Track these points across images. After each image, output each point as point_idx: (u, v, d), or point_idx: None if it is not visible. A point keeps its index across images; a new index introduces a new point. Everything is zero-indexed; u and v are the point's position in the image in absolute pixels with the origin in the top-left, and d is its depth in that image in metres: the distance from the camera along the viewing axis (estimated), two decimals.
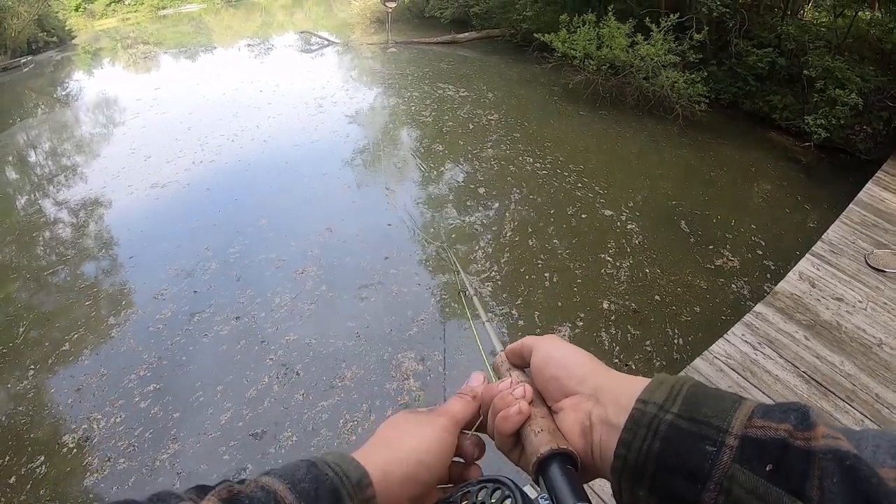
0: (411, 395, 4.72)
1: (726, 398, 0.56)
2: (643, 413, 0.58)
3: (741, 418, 0.53)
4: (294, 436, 4.37)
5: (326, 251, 6.66)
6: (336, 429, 4.42)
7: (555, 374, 0.72)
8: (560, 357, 0.74)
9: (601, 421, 0.64)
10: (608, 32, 11.33)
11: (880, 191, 7.63)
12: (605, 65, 11.48)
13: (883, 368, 4.44)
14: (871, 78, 9.52)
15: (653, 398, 0.59)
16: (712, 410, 0.55)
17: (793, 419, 0.51)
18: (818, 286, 5.35)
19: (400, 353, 5.15)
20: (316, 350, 5.21)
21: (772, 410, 0.53)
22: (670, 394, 0.59)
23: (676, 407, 0.57)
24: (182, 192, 8.25)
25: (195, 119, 11.28)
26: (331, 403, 4.65)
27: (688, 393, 0.58)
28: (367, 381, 4.87)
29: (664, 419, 0.56)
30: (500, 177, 8.52)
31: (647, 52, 10.67)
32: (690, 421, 0.55)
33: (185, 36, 24.71)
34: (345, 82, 14.05)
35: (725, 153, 9.99)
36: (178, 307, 5.82)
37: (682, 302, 5.93)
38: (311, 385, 4.83)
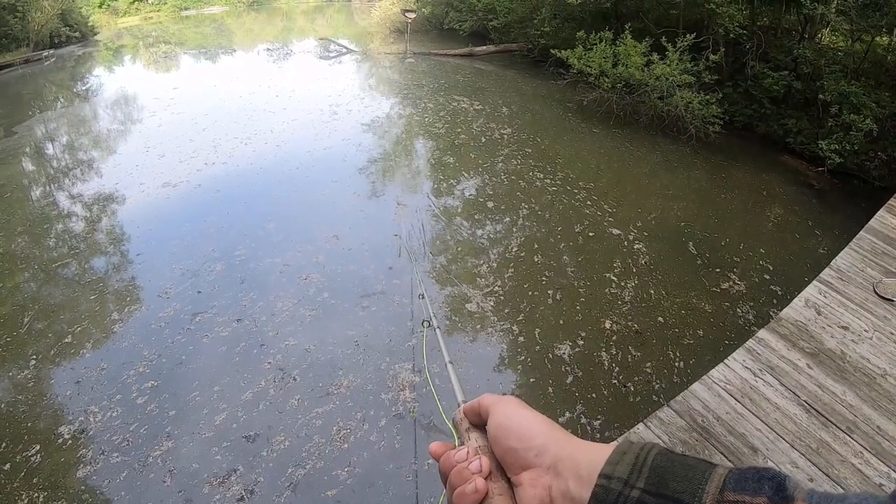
0: (406, 407, 4.70)
1: (695, 467, 0.54)
2: (607, 490, 0.56)
3: (712, 492, 0.50)
4: (286, 440, 4.37)
5: (331, 258, 6.66)
6: (329, 436, 4.41)
7: (511, 445, 0.68)
8: (516, 426, 0.70)
9: (562, 496, 0.61)
10: (624, 51, 11.36)
11: (892, 218, 7.53)
12: (619, 83, 11.50)
13: (886, 400, 4.36)
14: (886, 104, 9.48)
15: (616, 472, 0.57)
16: (681, 484, 0.53)
17: (768, 490, 0.49)
18: (824, 313, 5.27)
19: (397, 364, 5.14)
20: (314, 356, 5.22)
21: (744, 479, 0.50)
22: (635, 465, 0.56)
23: (642, 481, 0.54)
24: (193, 192, 8.31)
25: (210, 120, 11.36)
26: (325, 410, 4.65)
27: (653, 464, 0.56)
28: (362, 390, 4.87)
29: (630, 496, 0.54)
30: (509, 191, 8.51)
31: (663, 72, 10.68)
32: (658, 497, 0.53)
33: (206, 37, 24.97)
34: (360, 91, 14.13)
35: (738, 176, 9.94)
36: (182, 306, 5.85)
37: (685, 325, 5.88)
38: (307, 391, 4.84)
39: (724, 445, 3.71)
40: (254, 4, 37.08)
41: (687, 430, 3.77)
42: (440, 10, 22.05)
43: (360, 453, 4.28)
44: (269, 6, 37.48)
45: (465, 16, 19.87)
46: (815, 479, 3.58)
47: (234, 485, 4.03)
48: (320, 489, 4.01)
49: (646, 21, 12.89)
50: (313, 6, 37.84)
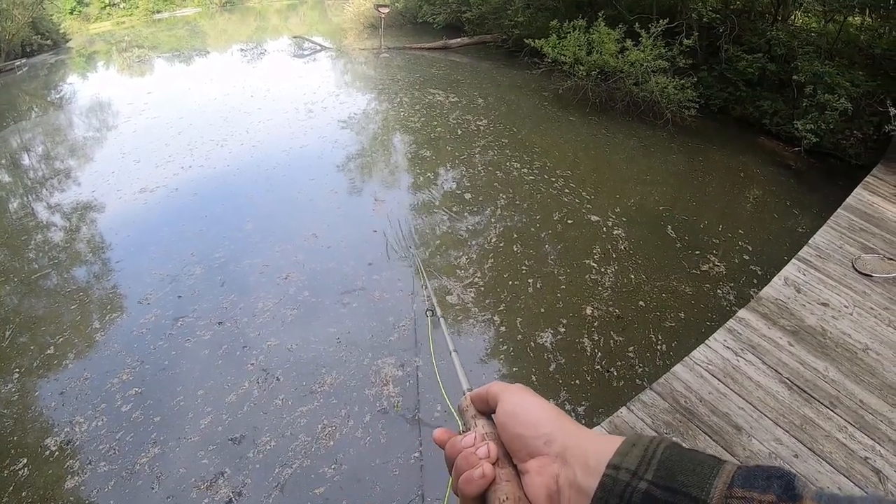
0: (390, 402, 4.68)
1: (704, 462, 0.53)
2: (615, 480, 0.55)
3: (721, 487, 0.50)
4: (272, 441, 4.34)
5: (311, 256, 6.62)
6: (314, 434, 4.39)
7: (520, 432, 0.68)
8: (525, 413, 0.69)
9: (569, 484, 0.61)
10: (598, 38, 11.36)
11: (869, 195, 7.60)
12: (594, 70, 11.49)
13: (868, 374, 4.39)
14: (860, 83, 9.55)
15: (625, 463, 0.56)
16: (690, 478, 0.52)
17: (776, 488, 0.48)
18: (804, 291, 5.30)
19: (380, 360, 5.11)
20: (297, 355, 5.18)
21: (753, 477, 0.50)
22: (644, 457, 0.56)
23: (650, 473, 0.54)
24: (170, 196, 8.22)
25: (186, 123, 11.25)
26: (310, 409, 4.62)
27: (663, 457, 0.55)
28: (346, 386, 4.84)
29: (637, 488, 0.53)
30: (487, 183, 8.50)
31: (637, 58, 10.71)
32: (666, 490, 0.52)
33: (179, 40, 24.77)
34: (335, 88, 14.05)
35: (715, 158, 9.99)
36: (163, 312, 5.79)
37: (666, 308, 5.88)
38: (291, 390, 4.80)
39: (707, 426, 3.71)
40: (227, 5, 36.86)
41: (670, 412, 3.77)
42: (413, 4, 22.02)
43: (346, 450, 4.25)
44: (241, 6, 37.26)
45: (438, 9, 19.86)
46: (800, 455, 3.60)
47: (221, 488, 3.99)
48: (308, 488, 3.99)
49: (619, 8, 12.93)
50: (286, 4, 37.66)
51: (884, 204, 7.42)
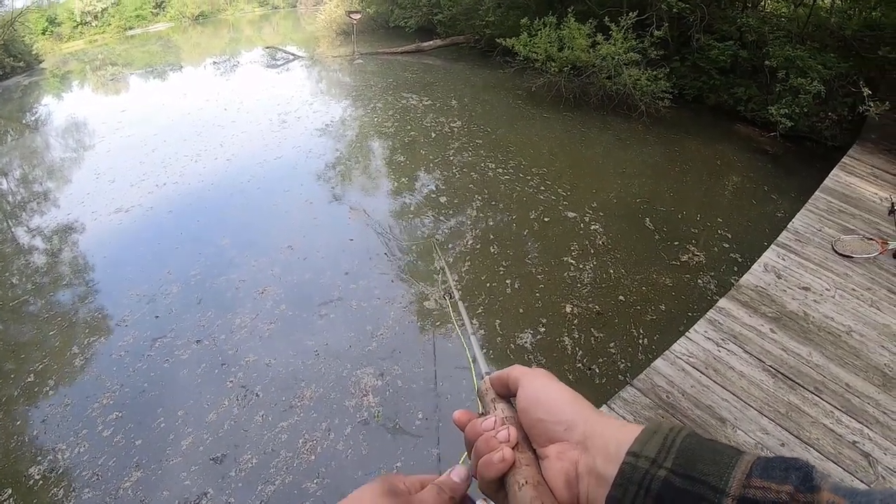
0: (370, 412, 4.60)
1: (723, 452, 0.54)
2: (634, 468, 0.56)
3: (739, 477, 0.50)
4: (254, 458, 4.26)
5: (287, 269, 6.52)
6: (295, 449, 4.32)
7: (541, 417, 0.68)
8: (547, 399, 0.69)
9: (588, 471, 0.61)
10: (568, 34, 11.34)
11: (846, 176, 7.61)
12: (567, 66, 11.48)
13: (853, 356, 4.37)
14: (832, 65, 9.59)
15: (644, 451, 0.56)
16: (709, 467, 0.52)
17: (794, 479, 0.48)
18: (784, 277, 5.26)
19: (359, 370, 5.04)
20: (275, 370, 5.09)
21: (772, 468, 0.50)
22: (663, 445, 0.56)
23: (670, 461, 0.54)
24: (145, 215, 8.08)
25: (159, 140, 11.10)
26: (290, 424, 4.54)
27: (682, 445, 0.56)
28: (326, 399, 4.77)
29: (657, 475, 0.54)
30: (462, 185, 8.42)
31: (608, 52, 10.69)
32: (685, 478, 0.52)
33: (153, 56, 24.60)
34: (309, 97, 13.94)
35: (691, 148, 9.98)
36: (140, 333, 5.68)
37: (647, 301, 5.84)
38: (271, 406, 4.72)
39: (691, 420, 3.64)
40: (199, 18, 36.65)
41: (652, 408, 3.70)
42: (385, 9, 21.97)
43: (328, 463, 4.18)
44: (214, 19, 37.06)
45: (409, 12, 19.82)
46: (787, 443, 3.55)
47: None
48: None
49: (589, 3, 12.88)
50: (259, 15, 37.55)
51: (861, 184, 7.44)
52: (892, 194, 7.16)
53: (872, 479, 3.37)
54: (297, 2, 39.36)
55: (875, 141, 8.98)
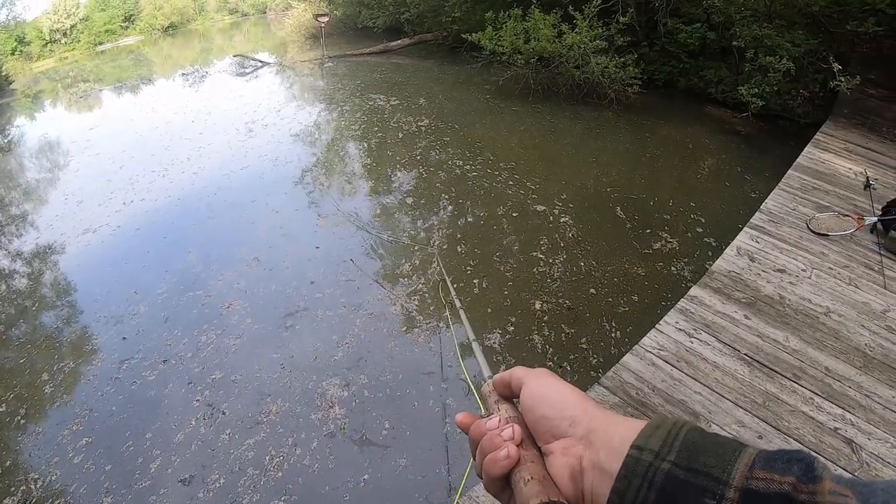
0: (336, 425, 4.49)
1: (726, 445, 0.54)
2: (638, 461, 0.56)
3: (742, 468, 0.51)
4: (221, 478, 4.14)
5: (253, 282, 6.39)
6: (262, 467, 4.20)
7: (545, 413, 0.68)
8: (550, 396, 0.69)
9: (593, 466, 0.61)
10: (533, 25, 11.24)
11: (820, 152, 7.56)
12: (533, 58, 11.38)
13: (832, 338, 4.27)
14: (801, 42, 9.58)
15: (648, 444, 0.57)
16: (712, 459, 0.53)
17: (797, 470, 0.49)
18: (758, 259, 5.15)
19: (325, 381, 4.92)
20: (241, 386, 4.97)
21: (774, 459, 0.51)
22: (667, 439, 0.56)
23: (673, 454, 0.55)
24: (112, 235, 7.93)
25: (127, 157, 10.94)
26: (256, 441, 4.42)
27: (685, 438, 0.56)
28: (292, 413, 4.65)
29: (660, 468, 0.54)
30: (428, 184, 8.31)
31: (574, 41, 10.59)
32: (688, 471, 0.53)
33: (124, 70, 24.46)
34: (276, 104, 13.80)
35: (663, 133, 9.92)
36: (108, 356, 5.55)
37: (618, 292, 5.73)
38: (237, 423, 4.61)
39: None
40: (169, 30, 36.53)
41: (621, 407, 3.53)
42: (352, 10, 21.89)
43: (295, 479, 4.07)
44: (184, 29, 36.99)
45: (377, 12, 19.73)
46: (765, 435, 3.43)
47: None
48: None
49: None
50: (229, 23, 37.50)
51: (835, 160, 7.39)
52: (866, 168, 7.10)
53: (856, 466, 3.26)
54: (267, 8, 39.31)
55: (848, 116, 8.95)
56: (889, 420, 3.59)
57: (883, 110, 9.30)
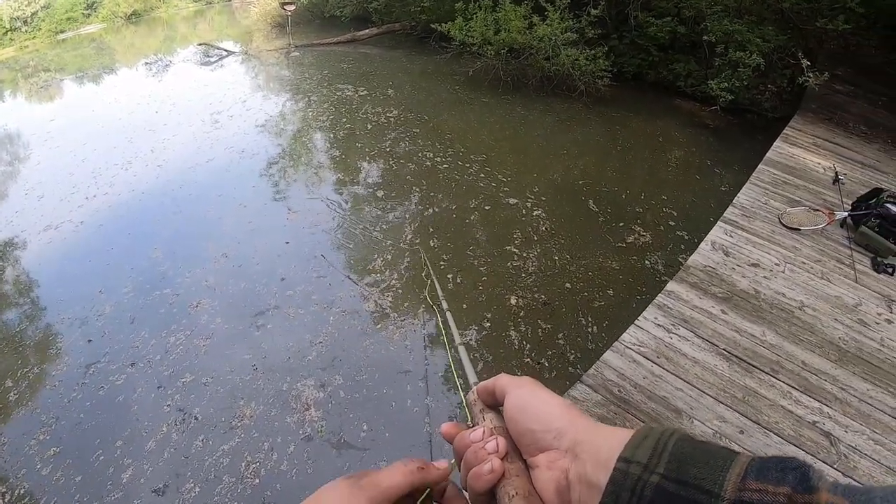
0: (313, 427, 4.39)
1: (717, 454, 0.52)
2: (626, 474, 0.54)
3: (734, 480, 0.48)
4: (197, 487, 4.02)
5: (222, 279, 6.23)
6: (238, 473, 4.09)
7: (529, 426, 0.66)
8: (535, 408, 0.67)
9: (579, 479, 0.59)
10: (504, 16, 11.14)
11: (789, 147, 7.62)
12: (503, 49, 11.31)
13: (807, 332, 4.33)
14: (771, 38, 9.69)
15: (636, 456, 0.55)
16: (702, 470, 0.50)
17: (791, 480, 0.46)
18: (732, 254, 5.18)
19: (299, 382, 4.82)
20: (213, 390, 4.83)
21: (767, 468, 0.48)
22: (655, 450, 0.54)
23: (662, 466, 0.52)
24: (75, 231, 7.68)
25: (89, 149, 10.65)
26: (231, 446, 4.31)
27: (674, 449, 0.54)
28: (266, 416, 4.55)
29: (649, 481, 0.52)
30: (399, 176, 8.23)
31: (545, 33, 10.54)
32: (678, 483, 0.50)
33: (86, 59, 23.92)
34: (242, 94, 13.56)
35: (633, 125, 9.98)
36: (73, 360, 5.35)
37: (594, 286, 5.73)
38: (210, 428, 4.48)
39: (644, 413, 3.49)
40: (132, 17, 35.85)
41: (604, 405, 3.51)
42: None
43: (273, 486, 3.98)
44: (148, 17, 36.28)
45: (344, 1, 19.49)
46: (746, 429, 3.44)
47: None
48: None
49: None
50: (193, 11, 36.79)
51: (804, 154, 7.46)
52: (835, 163, 7.20)
53: (835, 458, 3.31)
54: None
55: (815, 111, 9.06)
56: (864, 412, 3.66)
57: (849, 106, 9.45)
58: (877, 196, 5.67)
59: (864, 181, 6.96)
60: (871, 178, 7.09)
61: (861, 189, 6.47)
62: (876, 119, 9.09)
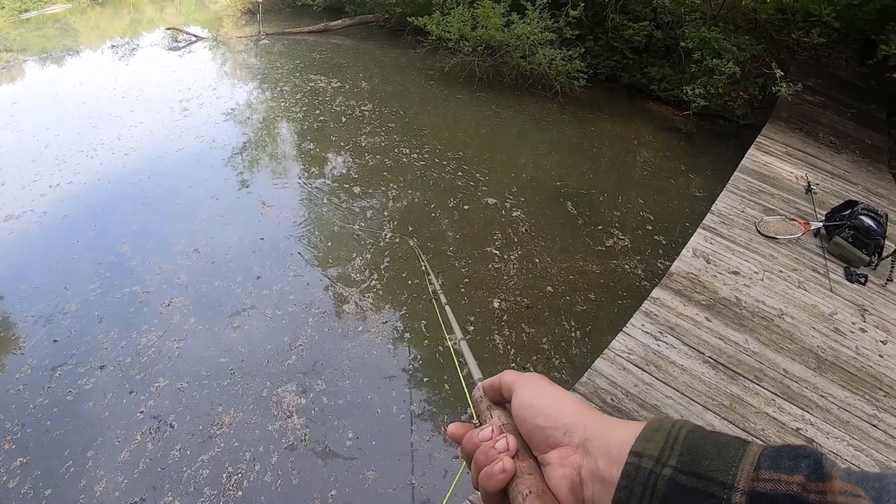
0: (296, 436, 4.28)
1: (728, 445, 0.52)
2: (638, 468, 0.54)
3: (747, 470, 0.48)
4: (175, 500, 3.86)
5: (194, 276, 6.01)
6: (220, 486, 3.94)
7: (539, 423, 0.65)
8: (543, 404, 0.66)
9: (592, 475, 0.59)
10: (483, 13, 11.12)
11: (762, 155, 7.74)
12: (480, 46, 11.28)
13: (787, 340, 4.44)
14: (746, 47, 9.91)
15: (647, 449, 0.54)
16: (714, 462, 0.50)
17: (804, 468, 0.46)
18: (713, 261, 5.25)
19: (280, 388, 4.68)
20: (189, 395, 4.65)
21: (780, 457, 0.48)
22: (666, 442, 0.54)
23: (674, 459, 0.52)
24: (38, 222, 7.36)
25: (53, 135, 10.31)
26: (211, 456, 4.15)
27: (686, 441, 0.54)
28: (247, 424, 4.39)
29: (661, 475, 0.52)
30: (375, 172, 8.13)
31: (523, 31, 10.55)
32: (691, 476, 0.50)
33: (49, 40, 23.30)
34: (212, 81, 13.32)
35: (607, 127, 10.05)
36: (38, 362, 5.04)
37: (575, 290, 5.74)
38: (188, 437, 4.30)
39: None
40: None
41: None
42: None
43: (257, 499, 3.85)
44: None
45: None
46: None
47: None
48: None
49: None
50: None
51: (777, 163, 7.59)
52: (807, 173, 7.33)
53: None
54: None
55: (786, 120, 9.24)
56: (844, 419, 3.79)
57: (819, 116, 9.65)
58: (851, 208, 5.80)
59: (834, 191, 7.11)
60: (841, 189, 7.26)
61: (832, 199, 6.67)
62: (845, 130, 9.30)
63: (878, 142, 9.39)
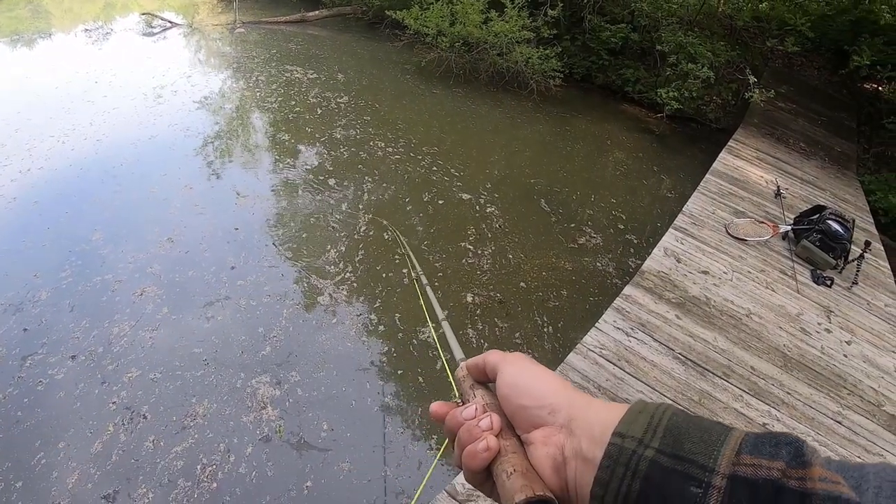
0: (271, 427, 4.27)
1: (711, 429, 0.53)
2: (621, 449, 0.54)
3: (728, 454, 0.49)
4: (150, 492, 3.81)
5: (168, 266, 5.91)
6: (194, 477, 3.91)
7: (523, 403, 0.66)
8: (528, 384, 0.67)
9: (575, 454, 0.59)
10: (462, 9, 11.12)
11: (733, 159, 7.86)
12: (458, 42, 11.30)
13: (755, 339, 4.54)
14: (721, 52, 10.05)
15: (630, 431, 0.55)
16: (697, 445, 0.51)
17: (785, 455, 0.48)
18: (683, 261, 5.33)
19: (254, 379, 4.65)
20: (162, 386, 4.58)
21: (762, 443, 0.49)
22: (649, 425, 0.55)
23: (657, 441, 0.53)
24: (8, 208, 7.19)
25: (24, 119, 10.08)
26: (185, 448, 4.10)
27: (669, 423, 0.54)
28: (221, 415, 4.35)
29: (644, 455, 0.52)
30: (350, 165, 8.09)
31: (502, 29, 10.58)
32: (673, 458, 0.51)
33: (20, 22, 22.80)
34: (186, 68, 13.16)
35: (581, 126, 10.12)
36: (8, 351, 4.91)
37: (548, 286, 5.78)
38: (161, 428, 4.25)
39: None
40: None
41: None
42: None
43: (232, 490, 3.83)
44: None
45: None
46: None
47: None
48: None
49: None
50: None
51: (748, 167, 7.72)
52: (777, 177, 7.46)
53: None
54: None
55: (758, 125, 9.43)
56: (809, 416, 3.91)
57: (790, 123, 9.84)
58: (819, 213, 5.93)
59: (803, 196, 7.25)
60: (809, 194, 7.41)
61: (800, 203, 6.82)
62: (815, 137, 9.50)
63: (848, 150, 9.61)
